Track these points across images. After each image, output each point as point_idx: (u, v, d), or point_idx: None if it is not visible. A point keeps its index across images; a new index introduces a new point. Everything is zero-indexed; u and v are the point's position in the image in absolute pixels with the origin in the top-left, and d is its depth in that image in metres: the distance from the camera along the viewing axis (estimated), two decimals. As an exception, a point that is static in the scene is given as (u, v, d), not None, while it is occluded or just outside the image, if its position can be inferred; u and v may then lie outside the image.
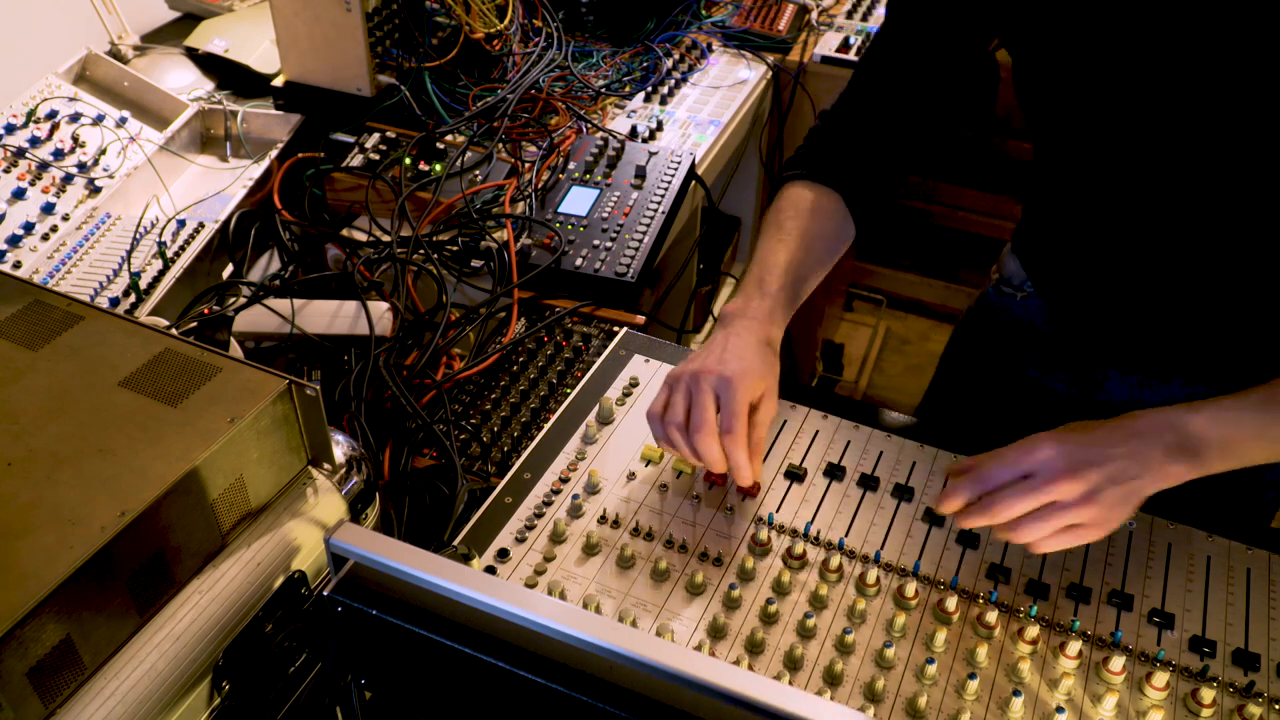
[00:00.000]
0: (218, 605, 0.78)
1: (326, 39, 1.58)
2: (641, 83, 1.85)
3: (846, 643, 0.86)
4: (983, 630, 0.88)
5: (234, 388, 0.82)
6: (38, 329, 0.87)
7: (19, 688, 0.67)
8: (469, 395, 1.22)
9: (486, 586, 0.65)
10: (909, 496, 1.00)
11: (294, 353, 1.25)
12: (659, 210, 1.44)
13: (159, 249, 1.38)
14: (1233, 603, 0.91)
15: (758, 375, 0.96)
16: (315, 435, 0.86)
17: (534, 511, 0.98)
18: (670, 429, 0.95)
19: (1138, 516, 0.98)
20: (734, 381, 0.94)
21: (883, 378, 2.93)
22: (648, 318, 1.33)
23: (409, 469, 1.11)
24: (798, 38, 2.07)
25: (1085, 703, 0.83)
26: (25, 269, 1.38)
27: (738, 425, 0.93)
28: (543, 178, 1.52)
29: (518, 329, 1.30)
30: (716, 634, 0.88)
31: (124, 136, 1.58)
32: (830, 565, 0.92)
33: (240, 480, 0.81)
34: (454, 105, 1.65)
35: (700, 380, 0.95)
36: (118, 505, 0.72)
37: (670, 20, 2.01)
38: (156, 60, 1.83)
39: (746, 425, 0.94)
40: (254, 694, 0.79)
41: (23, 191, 1.47)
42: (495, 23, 1.73)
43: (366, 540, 0.68)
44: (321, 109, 1.64)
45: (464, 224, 1.42)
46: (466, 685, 0.71)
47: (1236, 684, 0.85)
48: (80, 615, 0.70)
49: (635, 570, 0.93)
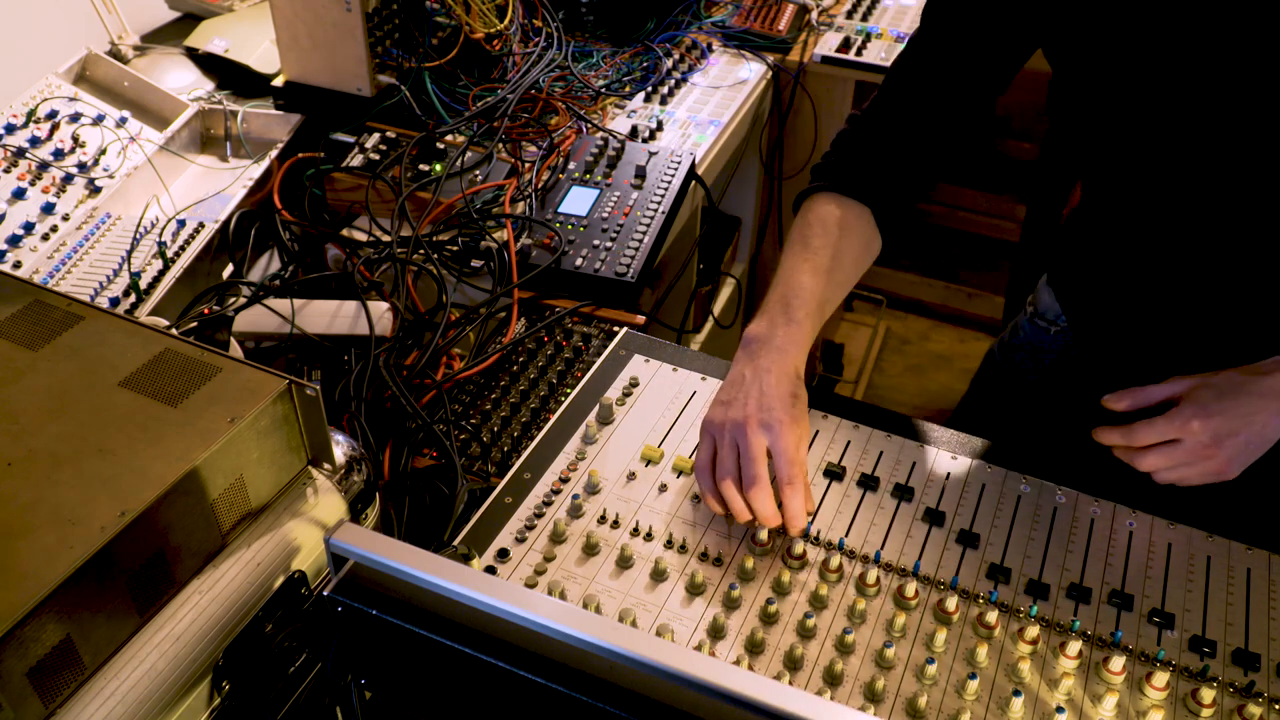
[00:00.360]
0: (218, 605, 0.78)
1: (326, 39, 1.58)
2: (641, 83, 1.85)
3: (846, 643, 0.86)
4: (983, 630, 0.88)
5: (234, 388, 0.82)
6: (38, 329, 0.87)
7: (19, 688, 0.67)
8: (469, 395, 1.22)
9: (486, 586, 0.65)
10: (909, 496, 1.00)
11: (294, 353, 1.25)
12: (659, 210, 1.44)
13: (159, 249, 1.38)
14: (1233, 603, 0.91)
15: (799, 416, 0.95)
16: (315, 435, 0.86)
17: (534, 511, 0.98)
18: (724, 486, 0.93)
19: (1137, 516, 0.99)
20: (783, 430, 0.93)
21: (883, 378, 2.93)
22: (648, 318, 1.33)
23: (409, 469, 1.11)
24: (798, 38, 2.07)
25: (1085, 703, 0.83)
26: (25, 269, 1.38)
27: (799, 474, 0.92)
28: (543, 178, 1.52)
29: (518, 329, 1.30)
30: (716, 634, 0.88)
31: (124, 136, 1.58)
32: (830, 565, 0.92)
33: (240, 480, 0.81)
34: (454, 105, 1.65)
35: (747, 431, 0.93)
36: (118, 505, 0.72)
37: (670, 20, 2.01)
38: (156, 60, 1.83)
39: (805, 472, 0.94)
40: (254, 694, 0.79)
41: (23, 191, 1.47)
42: (495, 23, 1.73)
43: (366, 540, 0.68)
44: (321, 109, 1.64)
45: (464, 224, 1.42)
46: (466, 685, 0.71)
47: (1236, 684, 0.85)
48: (80, 615, 0.70)
49: (635, 570, 0.93)
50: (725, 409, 0.96)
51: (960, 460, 1.04)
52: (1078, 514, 0.99)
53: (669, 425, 1.07)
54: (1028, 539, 0.96)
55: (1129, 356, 1.19)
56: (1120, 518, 0.98)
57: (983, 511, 0.99)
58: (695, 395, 1.11)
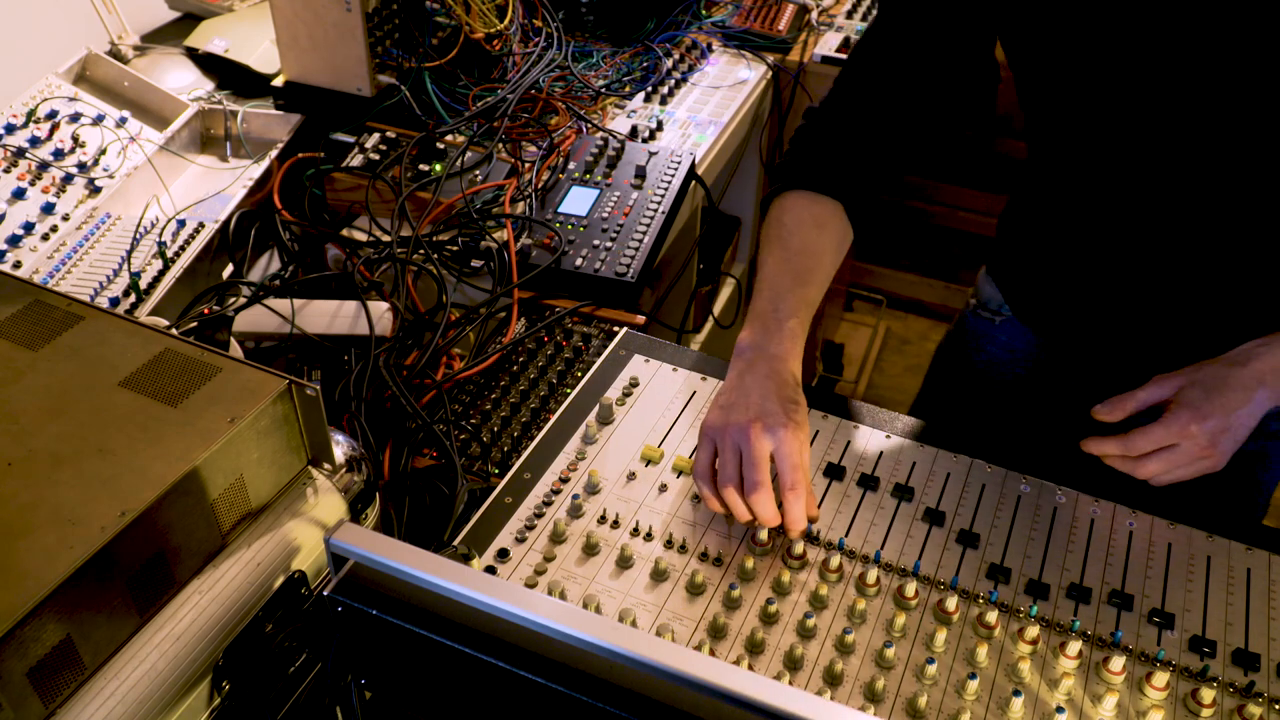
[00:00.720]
0: (218, 605, 0.78)
1: (326, 39, 1.58)
2: (641, 83, 1.85)
3: (846, 643, 0.86)
4: (983, 630, 0.88)
5: (234, 388, 0.82)
6: (38, 329, 0.87)
7: (19, 688, 0.67)
8: (469, 395, 1.22)
9: (486, 586, 0.65)
10: (909, 496, 1.00)
11: (294, 353, 1.25)
12: (659, 210, 1.44)
13: (159, 249, 1.38)
14: (1233, 603, 0.91)
15: (801, 421, 0.96)
16: (315, 435, 0.86)
17: (534, 511, 0.98)
18: (726, 490, 0.94)
19: (1137, 516, 0.99)
20: (786, 435, 0.93)
21: (883, 378, 2.93)
22: (648, 318, 1.33)
23: (409, 469, 1.11)
24: (798, 38, 2.07)
25: (1085, 703, 0.83)
26: (25, 269, 1.38)
27: (802, 480, 0.92)
28: (543, 178, 1.52)
29: (518, 329, 1.30)
30: (716, 634, 0.88)
31: (124, 136, 1.58)
32: (830, 565, 0.92)
33: (240, 480, 0.81)
34: (454, 105, 1.65)
35: (750, 435, 0.93)
36: (118, 505, 0.72)
37: (670, 20, 2.01)
38: (156, 60, 1.83)
39: (808, 476, 0.94)
40: (254, 694, 0.79)
41: (23, 191, 1.47)
42: (495, 23, 1.73)
43: (366, 540, 0.68)
44: (321, 109, 1.64)
45: (464, 224, 1.42)
46: (466, 685, 0.71)
47: (1236, 684, 0.85)
48: (80, 615, 0.70)
49: (635, 570, 0.93)
50: (726, 413, 0.96)
51: (960, 460, 1.04)
52: (1078, 514, 0.99)
53: (669, 425, 1.07)
54: (1028, 539, 0.96)
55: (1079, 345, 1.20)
56: (1120, 518, 0.99)
57: (983, 511, 0.99)
58: (695, 395, 1.11)
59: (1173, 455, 0.92)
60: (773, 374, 0.98)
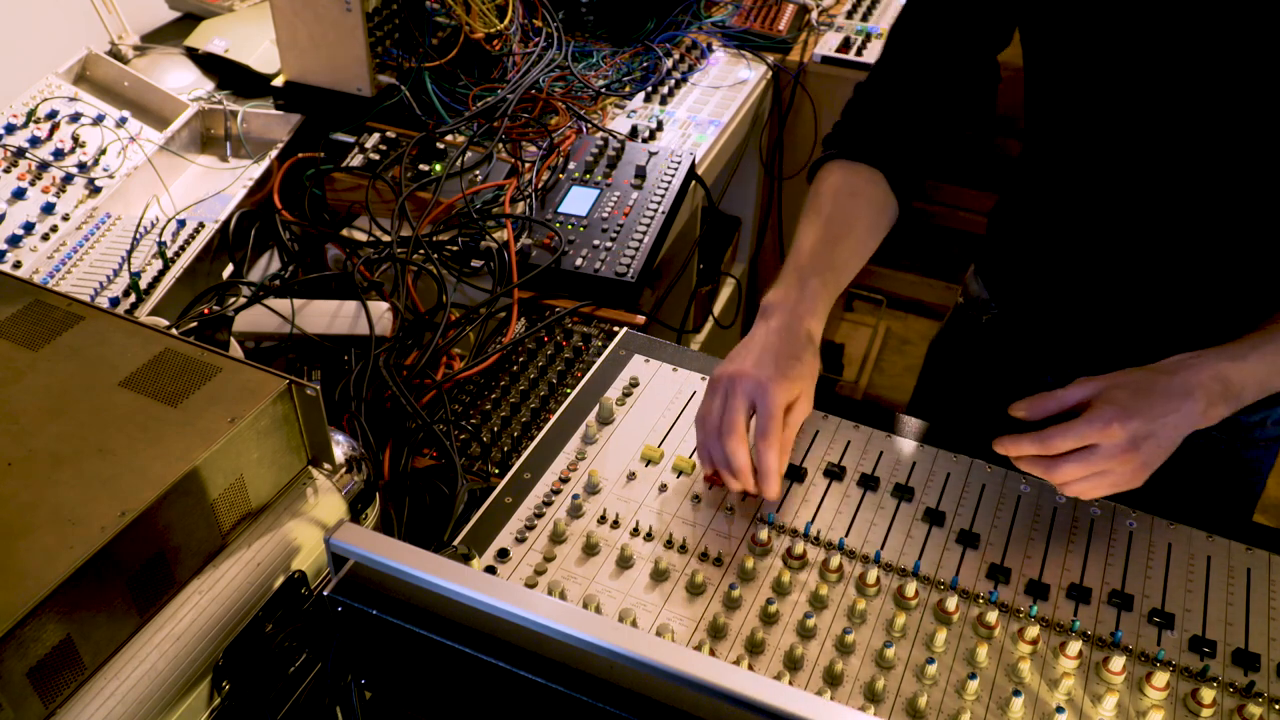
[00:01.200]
0: (218, 605, 0.78)
1: (326, 39, 1.58)
2: (641, 83, 1.85)
3: (846, 643, 0.86)
4: (983, 630, 0.88)
5: (234, 388, 0.82)
6: (38, 329, 0.87)
7: (19, 688, 0.67)
8: (469, 395, 1.22)
9: (486, 586, 0.65)
10: (909, 496, 1.00)
11: (294, 353, 1.25)
12: (659, 210, 1.44)
13: (159, 249, 1.38)
14: (1233, 603, 0.91)
15: (795, 376, 0.95)
16: (315, 435, 0.86)
17: (534, 511, 0.98)
18: (704, 435, 0.94)
19: (1138, 516, 0.99)
20: (768, 385, 0.93)
21: (883, 378, 2.93)
22: (648, 318, 1.33)
23: (409, 469, 1.11)
24: (798, 38, 2.07)
25: (1085, 703, 0.83)
26: (25, 269, 1.38)
27: (771, 427, 0.92)
28: (543, 178, 1.52)
29: (518, 329, 1.30)
30: (716, 634, 0.88)
31: (124, 136, 1.58)
32: (830, 565, 0.92)
33: (240, 480, 0.81)
34: (454, 105, 1.65)
35: (736, 383, 0.94)
36: (118, 505, 0.72)
37: (670, 20, 2.01)
38: (156, 60, 1.83)
39: (780, 429, 0.93)
40: (254, 694, 0.79)
41: (23, 191, 1.47)
42: (495, 23, 1.73)
43: (366, 540, 0.68)
44: (321, 109, 1.64)
45: (464, 224, 1.42)
46: (466, 685, 0.71)
47: (1236, 684, 0.85)
48: (80, 615, 0.70)
49: (635, 570, 0.93)
50: (728, 364, 0.97)
51: (960, 460, 1.04)
52: (1078, 514, 0.99)
53: (669, 425, 1.07)
54: (1028, 539, 0.96)
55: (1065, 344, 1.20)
56: (1120, 518, 0.99)
57: (983, 511, 0.99)
58: (695, 395, 1.11)
59: (1091, 458, 0.87)
60: (784, 328, 0.98)
